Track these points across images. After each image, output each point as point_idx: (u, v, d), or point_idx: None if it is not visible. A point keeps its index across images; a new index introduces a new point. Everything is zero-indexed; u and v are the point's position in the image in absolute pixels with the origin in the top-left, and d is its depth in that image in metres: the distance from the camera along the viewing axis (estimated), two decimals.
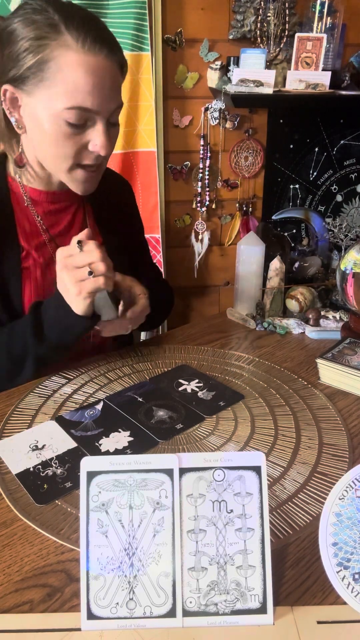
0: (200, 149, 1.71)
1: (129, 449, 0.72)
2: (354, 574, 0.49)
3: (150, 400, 0.83)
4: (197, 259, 1.84)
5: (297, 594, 0.52)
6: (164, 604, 0.48)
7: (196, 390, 0.86)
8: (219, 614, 0.48)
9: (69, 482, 0.65)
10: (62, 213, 0.95)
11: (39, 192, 0.91)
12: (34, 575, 0.54)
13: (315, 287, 1.18)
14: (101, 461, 0.50)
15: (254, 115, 1.71)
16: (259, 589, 0.48)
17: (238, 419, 0.79)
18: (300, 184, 1.82)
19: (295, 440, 0.74)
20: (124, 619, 0.48)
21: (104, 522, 0.49)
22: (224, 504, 0.50)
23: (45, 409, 0.81)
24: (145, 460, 0.50)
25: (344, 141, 1.79)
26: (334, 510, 0.50)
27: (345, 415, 0.80)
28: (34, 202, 0.91)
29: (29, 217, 0.91)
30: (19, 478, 0.66)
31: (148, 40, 1.49)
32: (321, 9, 1.46)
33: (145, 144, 1.61)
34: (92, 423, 0.77)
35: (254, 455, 0.51)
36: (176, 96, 1.64)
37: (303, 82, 1.47)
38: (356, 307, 0.99)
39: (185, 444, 0.73)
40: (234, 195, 1.81)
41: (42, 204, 0.92)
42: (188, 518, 0.49)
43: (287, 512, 0.61)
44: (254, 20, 1.55)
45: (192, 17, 1.56)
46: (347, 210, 1.90)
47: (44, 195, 0.92)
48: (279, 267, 1.14)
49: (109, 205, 1.03)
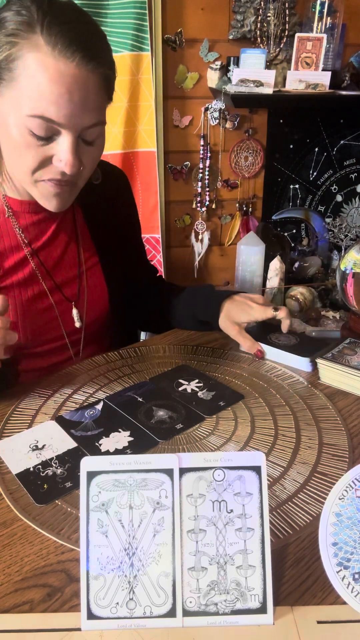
0: (200, 149, 1.71)
1: (129, 449, 0.72)
2: (354, 573, 0.49)
3: (150, 400, 0.83)
4: (197, 259, 1.85)
5: (297, 594, 0.52)
6: (164, 604, 0.48)
7: (196, 390, 0.86)
8: (219, 613, 0.48)
9: (69, 482, 0.65)
10: (45, 223, 0.89)
11: (19, 202, 0.85)
12: (34, 575, 0.54)
13: (315, 287, 1.18)
14: (101, 461, 0.50)
15: (254, 115, 1.71)
16: (259, 589, 0.48)
17: (238, 419, 0.79)
18: (300, 184, 1.82)
19: (295, 440, 0.74)
20: (124, 619, 0.48)
21: (104, 522, 0.49)
22: (224, 504, 0.50)
23: (45, 409, 0.81)
24: (145, 460, 0.50)
25: (344, 141, 1.79)
26: (334, 510, 0.50)
27: (345, 415, 0.80)
28: (15, 213, 0.85)
29: (9, 231, 0.86)
30: (19, 478, 0.66)
31: (148, 40, 1.50)
32: (321, 9, 1.46)
33: (145, 144, 1.61)
34: (92, 423, 0.77)
35: (254, 455, 0.51)
36: (176, 96, 1.64)
37: (303, 82, 1.48)
38: (356, 307, 0.99)
39: (185, 444, 0.73)
40: (234, 195, 1.81)
41: (24, 215, 0.86)
42: (188, 518, 0.49)
43: (287, 512, 0.61)
44: (254, 20, 1.55)
45: (192, 17, 1.56)
46: (347, 210, 1.90)
47: (26, 206, 0.85)
48: (279, 267, 1.14)
49: (102, 202, 0.97)
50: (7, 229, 0.86)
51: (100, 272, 0.97)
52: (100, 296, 0.97)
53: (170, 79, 1.62)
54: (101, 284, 0.97)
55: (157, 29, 1.52)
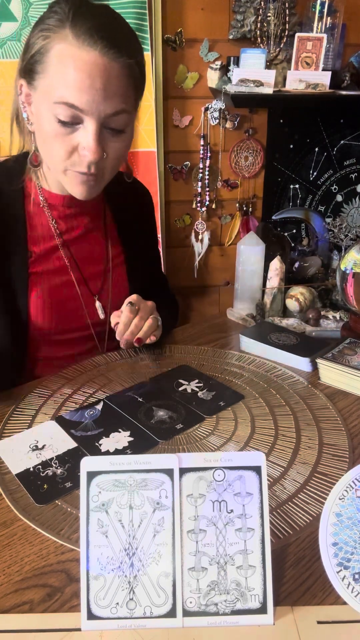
0: (200, 149, 1.71)
1: (129, 449, 0.72)
2: (354, 574, 0.49)
3: (150, 400, 0.83)
4: (197, 259, 1.84)
5: (297, 594, 0.52)
6: (164, 604, 0.48)
7: (196, 390, 0.86)
8: (219, 614, 0.48)
9: (69, 482, 0.65)
10: (78, 218, 0.93)
11: (55, 195, 0.90)
12: (34, 575, 0.54)
13: (315, 287, 1.18)
14: (101, 461, 0.50)
15: (254, 115, 1.71)
16: (259, 589, 0.48)
17: (238, 419, 0.79)
18: (300, 184, 1.82)
19: (295, 440, 0.74)
20: (124, 619, 0.48)
21: (104, 522, 0.49)
22: (224, 504, 0.50)
23: (45, 409, 0.81)
24: (145, 460, 0.50)
25: (344, 141, 1.79)
26: (334, 510, 0.50)
27: (345, 415, 0.80)
28: (50, 205, 0.90)
29: (42, 220, 0.90)
30: (19, 478, 0.66)
31: (148, 40, 1.49)
32: (321, 9, 1.46)
33: (145, 144, 1.61)
34: (92, 423, 0.77)
35: (254, 455, 0.51)
36: (176, 96, 1.64)
37: (303, 82, 1.47)
38: (356, 307, 0.99)
39: (185, 444, 0.73)
40: (234, 195, 1.81)
41: (58, 208, 0.91)
42: (188, 518, 0.49)
43: (287, 512, 0.61)
44: (254, 20, 1.55)
45: (192, 17, 1.56)
46: (347, 210, 1.90)
47: (60, 199, 0.90)
48: (279, 267, 1.14)
49: (129, 213, 1.02)
50: (41, 218, 0.91)
51: (124, 271, 1.01)
52: (122, 293, 1.00)
53: (170, 79, 1.61)
54: (124, 282, 1.01)
55: (157, 29, 1.52)
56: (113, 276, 0.99)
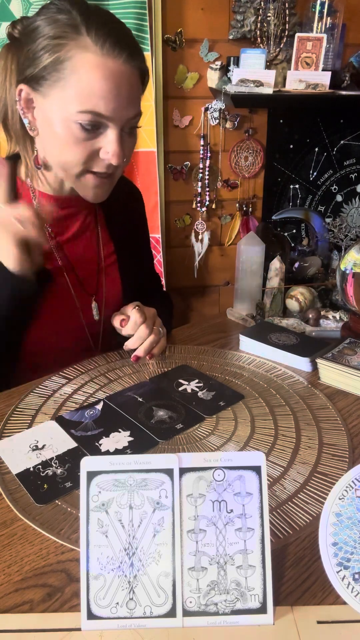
0: (200, 149, 1.71)
1: (129, 449, 0.72)
2: (354, 574, 0.49)
3: (150, 400, 0.83)
4: (197, 259, 1.85)
5: (297, 594, 0.52)
6: (164, 604, 0.48)
7: (196, 390, 0.86)
8: (219, 613, 0.48)
9: (69, 482, 0.65)
10: (71, 219, 0.93)
11: (49, 196, 0.89)
12: (34, 575, 0.54)
13: (315, 287, 1.18)
14: (101, 461, 0.50)
15: (254, 115, 1.71)
16: (259, 589, 0.48)
17: (238, 419, 0.79)
18: (300, 184, 1.82)
19: (295, 440, 0.74)
20: (124, 618, 0.48)
21: (104, 522, 0.49)
22: (224, 503, 0.50)
23: (45, 409, 0.81)
24: (145, 460, 0.50)
25: (344, 141, 1.79)
26: (334, 510, 0.50)
27: (345, 415, 0.80)
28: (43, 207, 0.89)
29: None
30: (19, 478, 0.66)
31: (148, 40, 1.49)
32: (321, 9, 1.46)
33: (145, 144, 1.61)
34: (92, 423, 0.77)
35: (254, 455, 0.51)
36: (176, 96, 1.64)
37: (303, 82, 1.48)
38: (356, 307, 0.99)
39: (185, 444, 0.73)
40: (234, 195, 1.81)
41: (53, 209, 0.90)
42: (188, 518, 0.49)
43: (287, 512, 0.61)
44: (254, 20, 1.55)
45: (192, 17, 1.56)
46: (347, 210, 1.90)
47: (54, 200, 0.89)
48: (279, 267, 1.14)
49: (120, 212, 1.02)
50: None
51: (117, 270, 1.01)
52: (116, 292, 1.00)
53: (170, 79, 1.62)
54: (117, 281, 1.01)
55: (157, 29, 1.52)
56: (106, 275, 0.99)
